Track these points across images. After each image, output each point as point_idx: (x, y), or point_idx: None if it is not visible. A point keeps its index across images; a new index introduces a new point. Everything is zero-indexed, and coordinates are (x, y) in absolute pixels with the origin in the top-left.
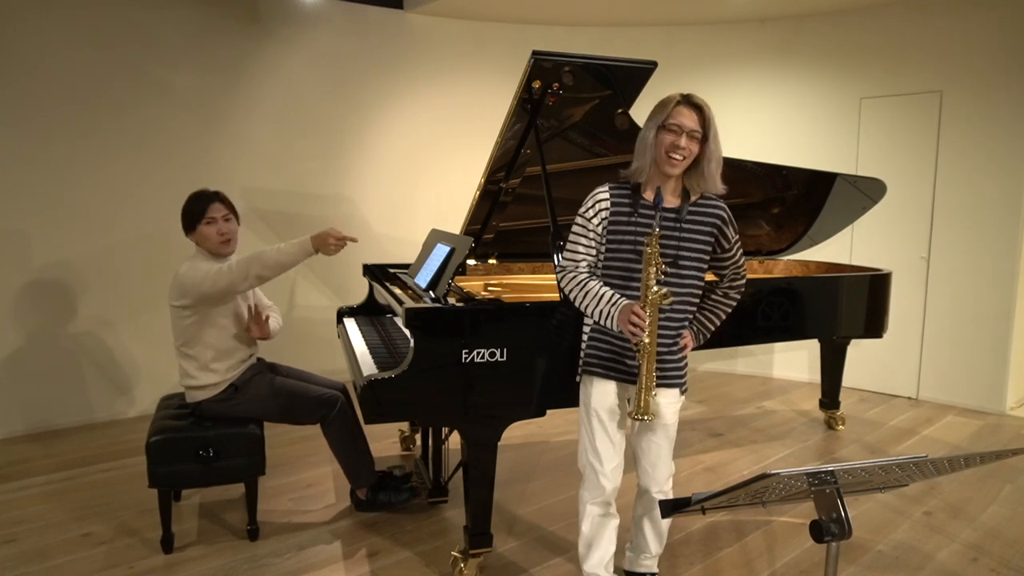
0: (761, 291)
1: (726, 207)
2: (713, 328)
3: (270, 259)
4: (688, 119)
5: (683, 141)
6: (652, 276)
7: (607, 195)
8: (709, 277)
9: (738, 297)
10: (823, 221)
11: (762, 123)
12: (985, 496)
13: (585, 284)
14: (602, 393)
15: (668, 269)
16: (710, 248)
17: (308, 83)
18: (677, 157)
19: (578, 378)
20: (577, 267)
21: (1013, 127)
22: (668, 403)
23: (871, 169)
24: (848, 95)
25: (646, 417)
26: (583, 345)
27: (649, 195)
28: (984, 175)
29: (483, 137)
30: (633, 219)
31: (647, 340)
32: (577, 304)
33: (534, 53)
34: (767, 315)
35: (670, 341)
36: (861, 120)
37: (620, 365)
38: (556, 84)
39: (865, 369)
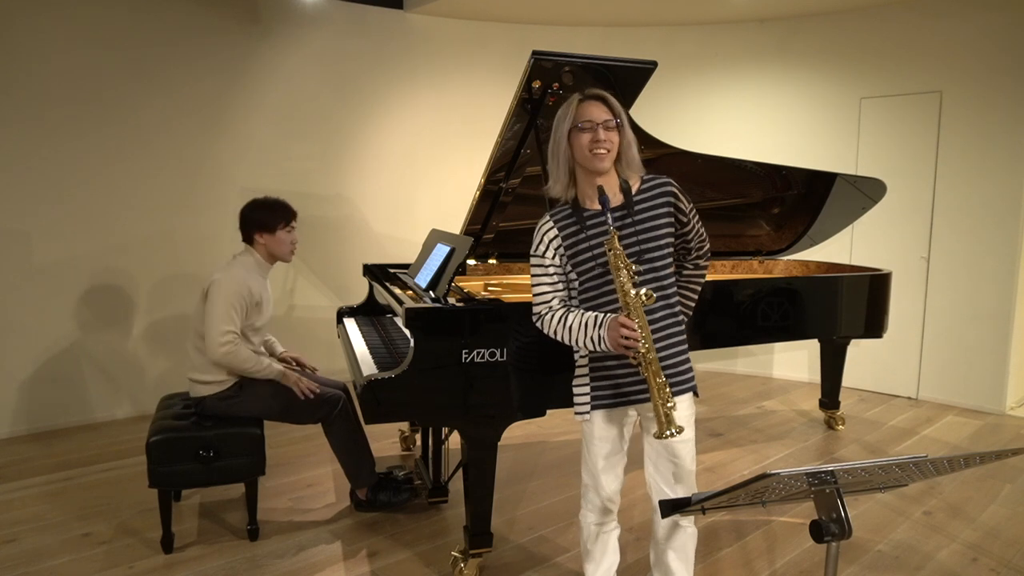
0: (761, 291)
1: (671, 180)
2: (694, 304)
3: (256, 370)
4: (597, 111)
5: (602, 134)
6: (627, 280)
7: (551, 224)
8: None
9: (707, 265)
10: (823, 221)
11: (762, 123)
12: (985, 496)
13: (565, 320)
14: (605, 425)
15: (639, 268)
16: (672, 227)
17: (308, 83)
18: (602, 151)
19: (587, 416)
20: (551, 307)
21: (1013, 127)
22: (680, 412)
23: (871, 169)
24: (848, 95)
25: (673, 431)
26: (585, 380)
27: (590, 204)
28: (984, 175)
29: (483, 137)
30: (584, 235)
31: (644, 349)
32: (567, 343)
33: (534, 53)
34: (767, 315)
35: (666, 343)
36: (861, 120)
37: (627, 388)
38: (556, 84)
39: (865, 369)
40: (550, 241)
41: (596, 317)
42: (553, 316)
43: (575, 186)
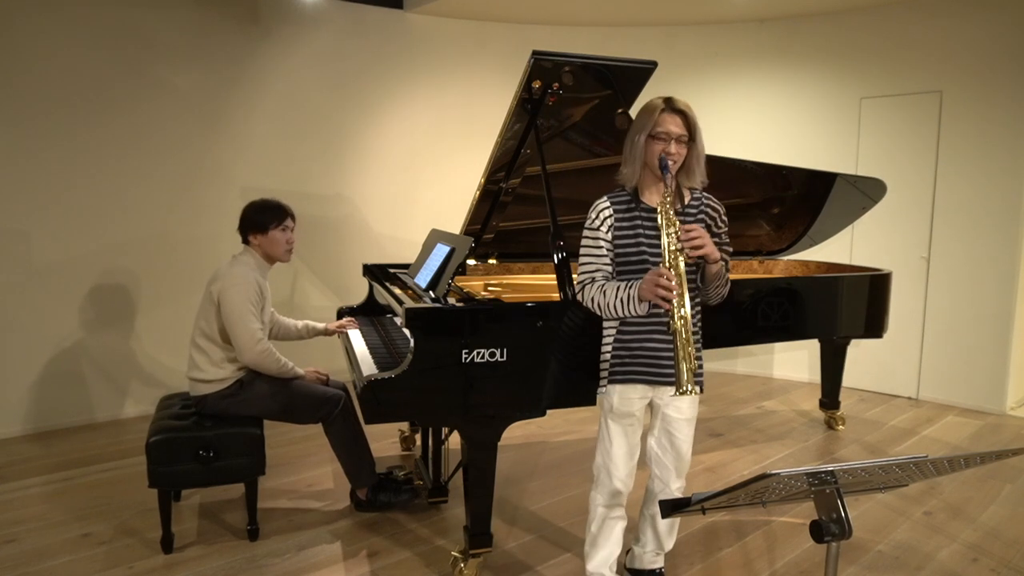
0: (761, 291)
1: (716, 201)
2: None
3: (282, 372)
4: (674, 125)
5: (673, 147)
6: (673, 236)
7: (608, 204)
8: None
9: (727, 254)
10: (823, 221)
11: (762, 123)
12: (985, 496)
13: (603, 287)
14: (625, 401)
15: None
16: None
17: (308, 83)
18: (669, 163)
19: (603, 389)
20: (593, 277)
21: (1013, 127)
22: (689, 400)
23: (871, 169)
24: (848, 95)
25: (690, 388)
26: (607, 355)
27: (647, 198)
28: (984, 175)
29: (483, 137)
30: (637, 223)
31: (677, 302)
32: (602, 310)
33: (534, 53)
34: (767, 315)
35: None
36: (861, 120)
37: (646, 366)
38: (556, 84)
39: (865, 369)
40: (605, 218)
41: (631, 282)
42: (593, 285)
43: (640, 179)
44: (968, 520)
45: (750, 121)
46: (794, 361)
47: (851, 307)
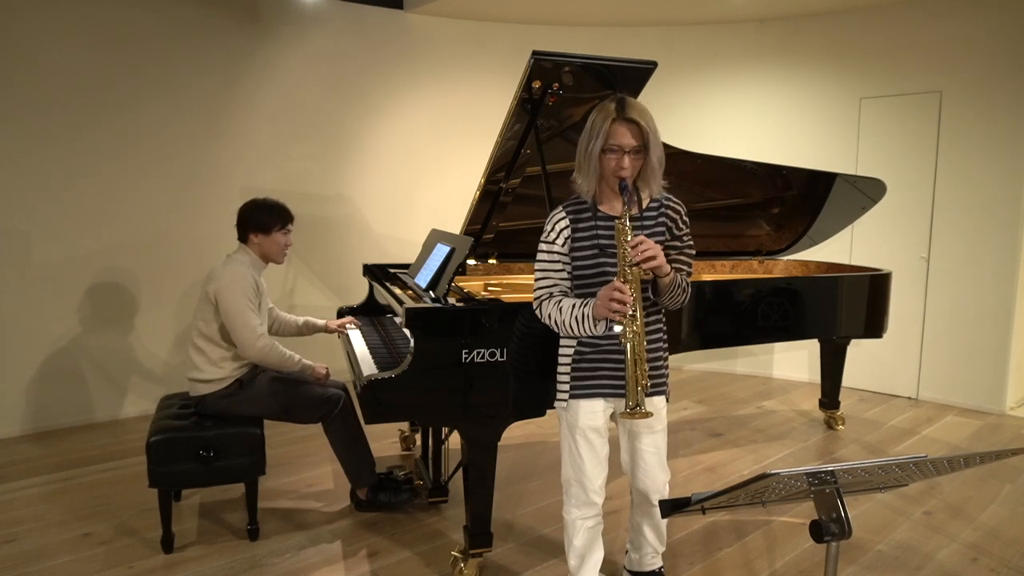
0: (761, 291)
1: (677, 202)
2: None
3: (284, 364)
4: (626, 137)
5: (626, 161)
6: (628, 250)
7: (563, 215)
8: None
9: (686, 266)
10: (823, 221)
11: (762, 123)
12: (985, 496)
13: (560, 303)
14: (589, 414)
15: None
16: (664, 242)
17: (308, 83)
18: (624, 174)
19: (564, 404)
20: (550, 292)
21: (1013, 127)
22: (656, 409)
23: (871, 169)
24: (848, 95)
25: (643, 408)
26: (566, 370)
27: (605, 207)
28: (984, 175)
29: (483, 137)
30: (595, 232)
31: (632, 313)
32: (558, 326)
33: (534, 53)
34: (767, 315)
35: (650, 346)
36: (861, 120)
37: (608, 379)
38: (556, 84)
39: (865, 369)
40: (561, 230)
41: (586, 300)
42: (550, 300)
43: (597, 188)
44: (968, 520)
45: (750, 121)
46: (794, 361)
47: (851, 307)
